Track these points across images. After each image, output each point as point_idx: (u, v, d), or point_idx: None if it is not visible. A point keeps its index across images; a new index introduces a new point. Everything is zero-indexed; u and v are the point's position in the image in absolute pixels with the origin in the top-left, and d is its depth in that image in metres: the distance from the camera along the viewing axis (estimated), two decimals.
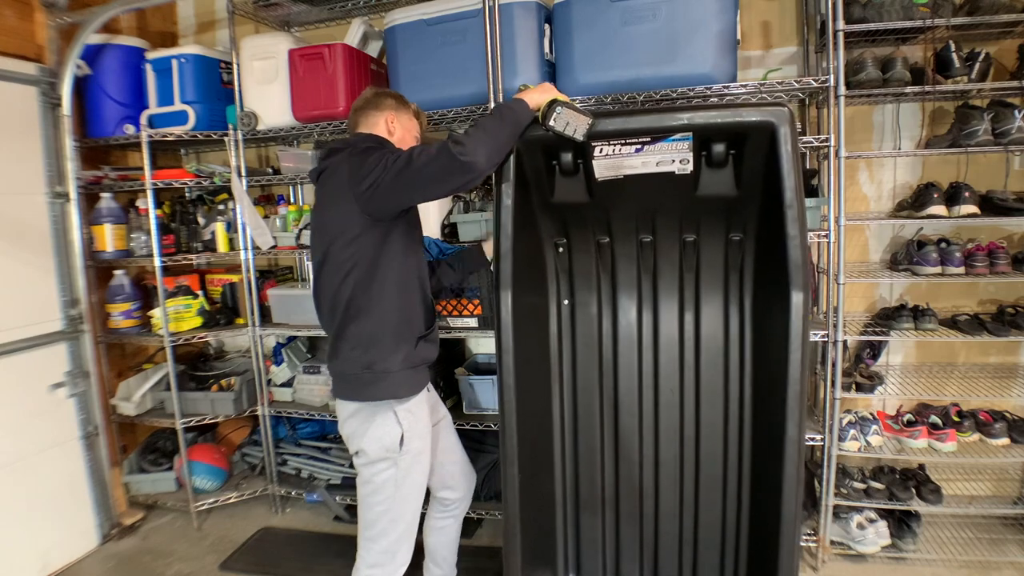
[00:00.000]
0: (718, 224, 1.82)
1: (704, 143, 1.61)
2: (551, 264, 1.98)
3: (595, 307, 2.00)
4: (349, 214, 1.58)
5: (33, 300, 2.56)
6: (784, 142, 1.49)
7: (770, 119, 1.49)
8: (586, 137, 1.58)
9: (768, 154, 1.54)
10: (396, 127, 1.78)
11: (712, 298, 1.91)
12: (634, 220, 1.87)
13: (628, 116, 1.61)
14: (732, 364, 1.91)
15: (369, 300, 1.61)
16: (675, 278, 1.92)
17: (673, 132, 1.58)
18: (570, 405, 2.04)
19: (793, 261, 1.53)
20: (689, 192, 1.72)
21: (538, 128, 1.61)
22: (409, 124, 1.82)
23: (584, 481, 2.06)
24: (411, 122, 1.83)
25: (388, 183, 1.52)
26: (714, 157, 1.63)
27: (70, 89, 2.58)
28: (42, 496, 2.51)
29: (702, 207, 1.77)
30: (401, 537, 1.71)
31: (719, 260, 1.86)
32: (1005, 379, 2.37)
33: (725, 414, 1.94)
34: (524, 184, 1.73)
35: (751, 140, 1.56)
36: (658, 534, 2.03)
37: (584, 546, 2.07)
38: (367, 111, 1.77)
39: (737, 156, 1.64)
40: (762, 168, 1.59)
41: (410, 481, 1.69)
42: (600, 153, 1.67)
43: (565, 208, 1.85)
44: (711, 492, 1.97)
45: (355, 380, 1.65)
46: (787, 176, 1.50)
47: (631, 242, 1.91)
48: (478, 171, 1.49)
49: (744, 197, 1.69)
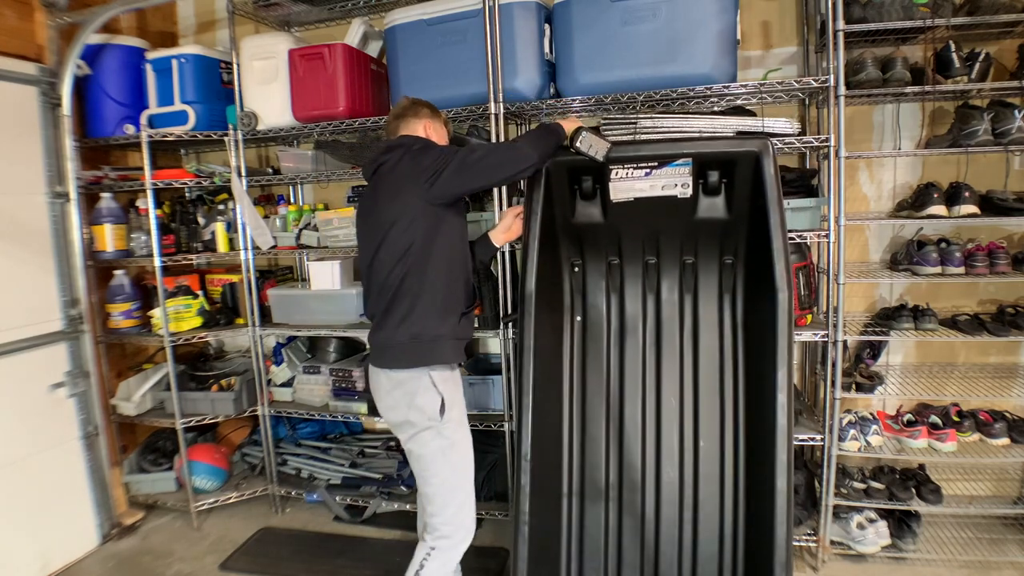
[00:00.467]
0: (713, 247, 2.07)
1: (701, 170, 1.92)
2: (567, 283, 2.19)
3: (604, 323, 2.19)
4: (408, 203, 1.75)
5: (33, 300, 2.56)
6: (767, 163, 1.81)
7: (754, 149, 1.83)
8: (605, 158, 1.87)
9: (753, 181, 1.84)
10: (432, 133, 1.95)
11: (708, 314, 2.11)
12: (641, 242, 2.11)
13: (640, 144, 1.98)
14: (727, 373, 2.07)
15: (422, 279, 1.76)
16: (675, 296, 2.14)
17: (676, 158, 1.90)
18: (579, 412, 2.16)
19: (777, 258, 1.77)
20: (689, 216, 1.99)
21: (567, 152, 1.89)
22: (441, 131, 1.99)
23: (589, 478, 2.12)
24: (442, 129, 2.00)
25: (451, 171, 1.72)
26: (709, 184, 1.94)
27: (70, 89, 2.58)
28: (42, 496, 2.51)
29: (699, 230, 2.04)
30: (462, 506, 1.82)
31: (714, 280, 2.11)
32: (1005, 379, 2.37)
33: (721, 418, 2.06)
34: (550, 207, 2.00)
35: (739, 166, 1.87)
36: (659, 531, 2.07)
37: (587, 540, 2.10)
38: (407, 118, 1.94)
39: (728, 184, 1.94)
40: (748, 194, 1.89)
41: (458, 449, 1.81)
42: (616, 176, 1.97)
43: (582, 229, 2.11)
44: (709, 484, 2.05)
45: (400, 349, 1.78)
46: (770, 188, 1.79)
47: (638, 263, 2.15)
48: (530, 163, 1.77)
49: (735, 221, 1.97)
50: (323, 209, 2.91)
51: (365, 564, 2.48)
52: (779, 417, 1.73)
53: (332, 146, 2.79)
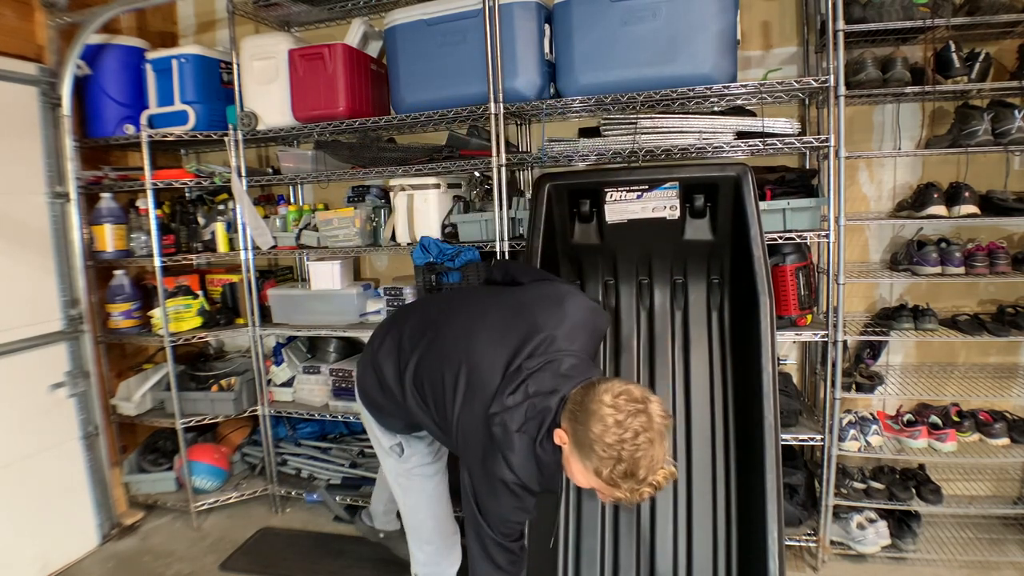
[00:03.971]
0: (701, 267, 2.21)
1: (687, 194, 2.08)
2: None
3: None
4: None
5: (33, 300, 2.56)
6: (747, 190, 1.99)
7: (734, 174, 2.01)
8: None
9: (735, 205, 2.02)
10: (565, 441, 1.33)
11: (698, 329, 2.21)
12: (634, 263, 2.25)
13: (632, 170, 2.14)
14: (716, 384, 2.16)
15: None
16: (667, 313, 2.25)
17: (664, 181, 2.08)
18: None
19: (757, 268, 1.93)
20: (678, 238, 2.14)
21: (566, 178, 2.14)
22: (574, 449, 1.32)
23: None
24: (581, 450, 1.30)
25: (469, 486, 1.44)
26: (695, 207, 2.10)
27: (70, 89, 2.58)
28: (42, 496, 2.51)
29: (688, 251, 2.19)
30: (422, 544, 1.76)
31: (703, 298, 2.23)
32: (1005, 379, 2.37)
33: (712, 425, 2.13)
34: (551, 229, 2.14)
35: (721, 190, 2.04)
36: (654, 531, 2.08)
37: (585, 540, 2.11)
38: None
39: (712, 208, 2.09)
40: (731, 216, 2.06)
41: (413, 495, 1.75)
42: (610, 199, 2.11)
43: (581, 250, 2.25)
44: (703, 485, 2.08)
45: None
46: (749, 207, 1.98)
47: (632, 282, 2.28)
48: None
49: (720, 242, 2.12)
50: (323, 209, 2.91)
51: (365, 564, 2.48)
52: (767, 415, 1.82)
53: (332, 146, 2.80)
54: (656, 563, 2.04)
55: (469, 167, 2.50)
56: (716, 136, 2.26)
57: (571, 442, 1.28)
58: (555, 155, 2.39)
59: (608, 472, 1.22)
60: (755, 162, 2.47)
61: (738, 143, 2.26)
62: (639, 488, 1.22)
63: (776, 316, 2.00)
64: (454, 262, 2.53)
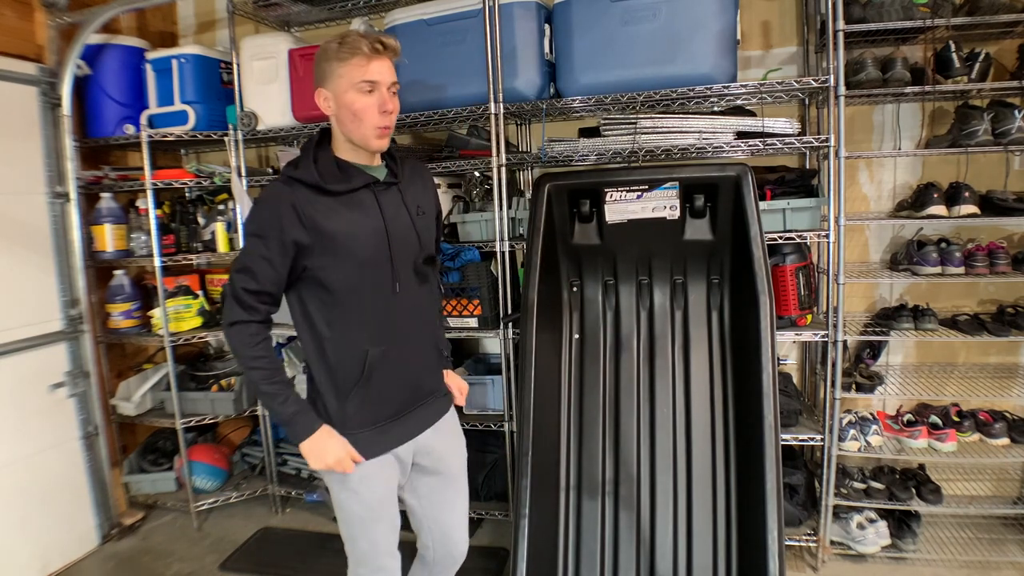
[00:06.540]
0: (701, 267, 2.20)
1: (687, 194, 2.07)
2: (566, 302, 2.29)
3: (601, 339, 2.27)
4: None
5: (33, 300, 2.56)
6: (747, 190, 1.98)
7: (734, 173, 1.99)
8: None
9: (735, 205, 2.01)
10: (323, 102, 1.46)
11: (698, 329, 2.21)
12: (635, 263, 2.24)
13: (632, 170, 2.13)
14: (716, 384, 2.15)
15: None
16: (667, 313, 2.25)
17: (664, 181, 2.06)
18: (576, 422, 2.22)
19: (757, 268, 1.94)
20: (678, 238, 2.13)
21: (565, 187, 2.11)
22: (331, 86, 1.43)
23: (586, 475, 2.16)
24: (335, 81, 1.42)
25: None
26: (695, 207, 2.08)
27: (70, 89, 2.58)
28: (42, 496, 2.51)
29: (688, 251, 2.17)
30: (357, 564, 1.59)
31: (703, 298, 2.22)
32: (1005, 379, 2.37)
33: (711, 424, 2.13)
34: (551, 229, 2.15)
35: (721, 190, 2.02)
36: (654, 531, 2.08)
37: (584, 539, 2.12)
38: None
39: (712, 208, 2.08)
40: (730, 217, 2.05)
41: (344, 508, 1.57)
42: (611, 199, 2.10)
43: (581, 250, 2.23)
44: (702, 485, 2.08)
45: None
46: (749, 207, 1.97)
47: (632, 282, 2.27)
48: (225, 337, 1.46)
49: (719, 242, 2.11)
50: None
51: None
52: (766, 415, 1.84)
53: None
54: (656, 563, 2.05)
55: (469, 167, 2.50)
56: (716, 136, 2.26)
57: (327, 87, 1.43)
58: (555, 155, 2.40)
59: (339, 54, 1.40)
60: (755, 162, 2.47)
61: (738, 143, 2.26)
62: (360, 38, 1.39)
63: (776, 316, 2.01)
64: (454, 262, 2.53)
